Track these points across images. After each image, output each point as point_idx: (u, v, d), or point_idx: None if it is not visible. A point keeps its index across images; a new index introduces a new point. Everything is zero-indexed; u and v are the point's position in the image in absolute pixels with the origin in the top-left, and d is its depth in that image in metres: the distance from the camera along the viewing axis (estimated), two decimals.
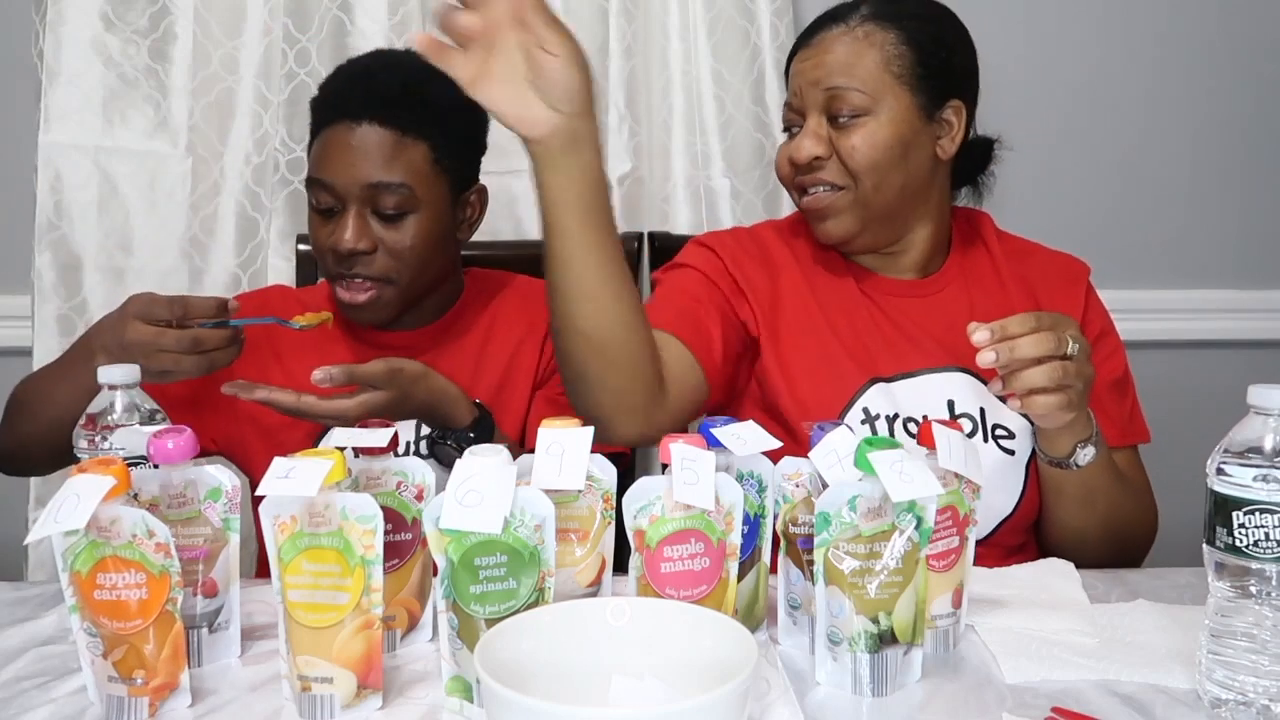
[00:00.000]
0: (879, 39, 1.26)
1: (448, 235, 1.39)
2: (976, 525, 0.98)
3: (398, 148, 1.31)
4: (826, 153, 1.27)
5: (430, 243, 1.35)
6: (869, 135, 1.25)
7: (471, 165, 1.42)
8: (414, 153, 1.32)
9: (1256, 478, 0.80)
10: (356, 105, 1.32)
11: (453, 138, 1.36)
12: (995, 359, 1.04)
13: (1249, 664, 0.82)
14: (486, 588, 0.82)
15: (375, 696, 0.86)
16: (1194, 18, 1.98)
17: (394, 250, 1.33)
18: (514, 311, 1.48)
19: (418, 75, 1.34)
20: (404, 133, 1.31)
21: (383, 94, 1.33)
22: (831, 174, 1.28)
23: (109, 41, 1.81)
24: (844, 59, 1.26)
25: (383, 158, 1.30)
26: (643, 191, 1.89)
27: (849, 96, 1.25)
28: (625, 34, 1.84)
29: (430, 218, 1.34)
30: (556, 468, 0.86)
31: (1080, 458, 1.18)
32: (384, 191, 1.31)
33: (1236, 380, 0.89)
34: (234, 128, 1.82)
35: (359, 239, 1.31)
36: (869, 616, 0.87)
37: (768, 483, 0.97)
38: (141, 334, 1.19)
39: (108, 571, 0.83)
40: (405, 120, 1.32)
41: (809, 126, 1.28)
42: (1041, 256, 1.41)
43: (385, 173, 1.30)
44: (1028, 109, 1.92)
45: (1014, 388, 1.07)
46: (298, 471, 0.83)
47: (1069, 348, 1.07)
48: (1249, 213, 2.03)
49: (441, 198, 1.36)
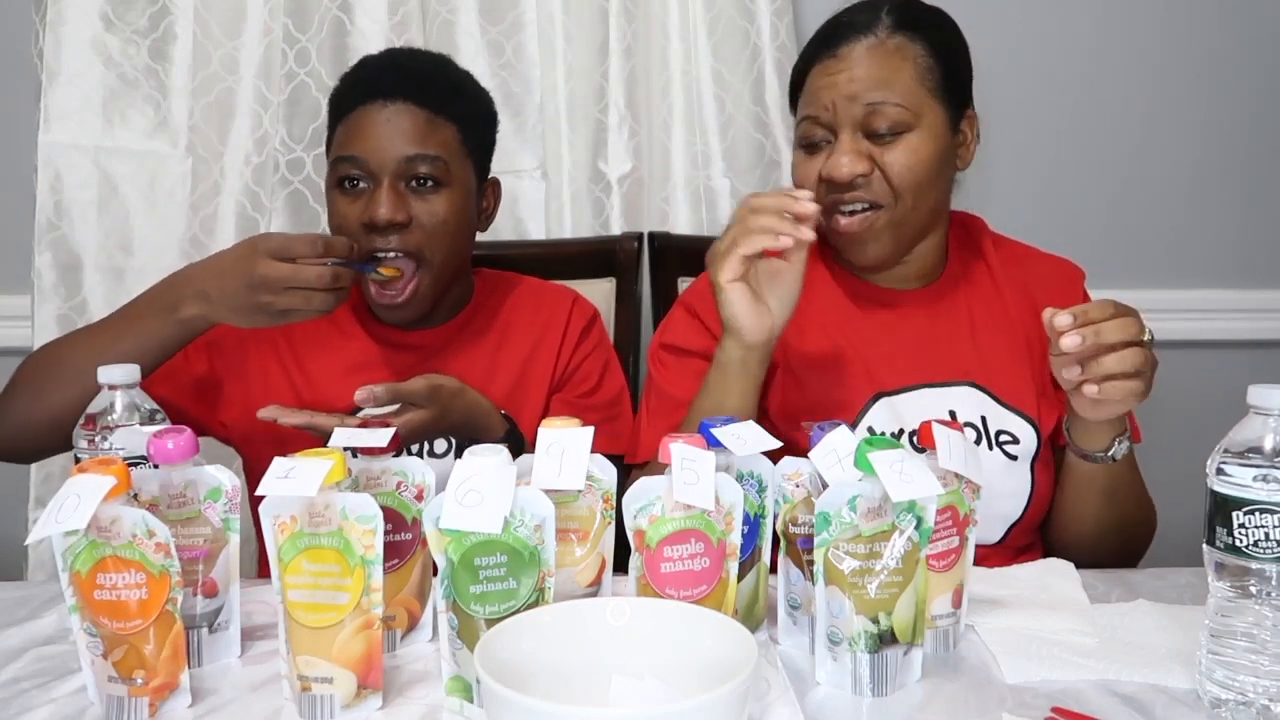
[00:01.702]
0: (910, 51, 1.23)
1: (473, 220, 1.41)
2: (977, 525, 0.98)
3: (430, 124, 1.33)
4: (869, 170, 1.23)
5: (461, 221, 1.36)
6: (913, 151, 1.22)
7: (489, 156, 1.44)
8: (445, 132, 1.34)
9: (1256, 478, 0.80)
10: (389, 85, 1.34)
11: (477, 125, 1.40)
12: (1081, 342, 1.02)
13: (1249, 664, 0.82)
14: (486, 588, 0.82)
15: (375, 696, 0.86)
16: (1193, 17, 1.98)
17: (428, 224, 1.33)
18: (528, 313, 1.49)
19: (442, 63, 1.43)
20: (435, 112, 1.34)
21: (416, 75, 1.36)
22: (874, 192, 1.24)
23: (109, 41, 1.81)
24: (881, 73, 1.22)
25: (418, 133, 1.32)
26: (643, 191, 1.88)
27: (890, 111, 1.22)
28: (625, 34, 1.84)
29: (461, 194, 1.36)
30: (556, 468, 0.86)
31: (1118, 451, 1.18)
32: (420, 163, 1.32)
33: (1236, 380, 0.89)
34: (234, 128, 1.82)
35: (395, 211, 1.31)
36: (869, 616, 0.87)
37: (768, 483, 0.97)
38: (279, 270, 1.17)
39: (108, 571, 0.83)
40: (436, 101, 1.34)
41: (845, 143, 1.23)
42: (1037, 261, 1.40)
43: (421, 146, 1.32)
44: (1027, 109, 1.92)
45: (1093, 373, 1.05)
46: (298, 471, 0.83)
47: (1145, 334, 1.07)
48: (1249, 213, 2.03)
49: (469, 179, 1.38)
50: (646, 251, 1.75)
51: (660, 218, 1.88)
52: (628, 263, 1.72)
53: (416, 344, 1.42)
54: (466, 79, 1.44)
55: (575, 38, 1.83)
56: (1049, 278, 1.38)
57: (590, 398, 1.47)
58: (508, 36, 1.85)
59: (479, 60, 1.84)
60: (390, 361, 1.41)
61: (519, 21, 1.85)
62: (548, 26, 1.83)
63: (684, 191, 1.88)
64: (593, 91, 1.85)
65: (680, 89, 1.87)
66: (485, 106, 1.43)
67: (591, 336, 1.51)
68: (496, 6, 1.84)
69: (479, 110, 1.41)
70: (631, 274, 1.72)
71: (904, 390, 1.28)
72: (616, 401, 1.49)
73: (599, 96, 1.86)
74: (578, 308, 1.51)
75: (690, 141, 1.87)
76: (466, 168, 1.37)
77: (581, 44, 1.84)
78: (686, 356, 1.34)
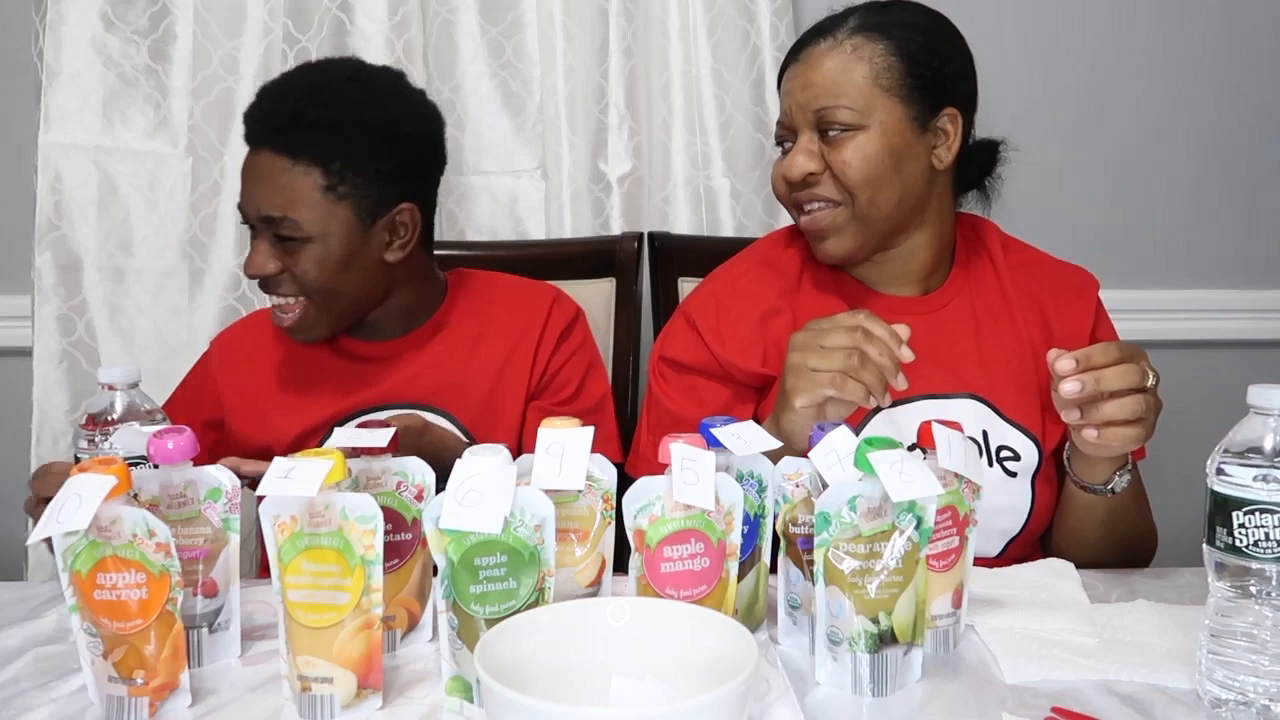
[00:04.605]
0: (867, 52, 1.24)
1: (357, 260, 1.32)
2: (977, 525, 0.98)
3: (287, 176, 1.28)
4: (819, 168, 1.25)
5: (333, 270, 1.30)
6: (859, 149, 1.23)
7: (391, 186, 1.33)
8: (304, 182, 1.28)
9: (1256, 478, 0.80)
10: (252, 133, 1.31)
11: (355, 161, 1.29)
12: (1080, 389, 1.03)
13: (1249, 664, 0.82)
14: (486, 588, 0.82)
15: (375, 696, 0.86)
16: (1195, 19, 1.98)
17: (300, 276, 1.30)
18: (503, 316, 1.45)
19: (317, 98, 1.31)
20: (295, 159, 1.28)
21: (273, 121, 1.31)
22: (826, 190, 1.26)
23: (109, 41, 1.81)
24: (831, 76, 1.24)
25: (273, 187, 1.28)
26: (643, 191, 1.89)
27: (837, 114, 1.23)
28: (625, 34, 1.84)
29: (329, 246, 1.29)
30: (556, 468, 0.86)
31: (1118, 484, 1.18)
32: (274, 224, 1.29)
33: (1236, 380, 0.89)
34: (234, 128, 1.82)
35: (261, 266, 1.30)
36: (869, 616, 0.87)
37: (768, 483, 0.97)
38: None
39: (108, 571, 0.83)
40: (296, 147, 1.28)
41: (801, 144, 1.26)
42: (1048, 268, 1.38)
43: (272, 205, 1.28)
44: (1029, 111, 1.92)
45: (1093, 419, 1.05)
46: (298, 471, 0.83)
47: (1148, 380, 1.06)
48: (1250, 213, 2.03)
49: (343, 225, 1.30)
50: (646, 252, 1.75)
51: (660, 218, 1.89)
52: (627, 263, 1.72)
53: (385, 355, 1.40)
54: (348, 116, 1.31)
55: (575, 38, 1.84)
56: (1060, 288, 1.35)
57: (569, 405, 1.43)
58: (508, 36, 1.85)
59: (479, 60, 1.85)
60: (359, 374, 1.39)
61: (519, 21, 1.85)
62: (548, 26, 1.84)
63: (684, 191, 1.88)
64: (593, 91, 1.85)
65: (680, 89, 1.87)
66: (374, 142, 1.31)
67: (572, 339, 1.46)
68: (496, 6, 1.84)
69: (359, 149, 1.30)
70: (631, 274, 1.72)
71: (904, 402, 1.26)
72: (597, 409, 1.46)
73: (599, 96, 1.86)
74: (558, 308, 1.47)
75: (690, 141, 1.87)
76: (338, 213, 1.29)
77: (581, 44, 1.84)
78: (686, 373, 1.33)
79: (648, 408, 1.36)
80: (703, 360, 1.32)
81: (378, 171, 1.31)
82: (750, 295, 1.34)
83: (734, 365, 1.30)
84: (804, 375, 1.09)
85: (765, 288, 1.34)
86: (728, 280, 1.38)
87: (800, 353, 1.10)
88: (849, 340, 1.08)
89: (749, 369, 1.30)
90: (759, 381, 1.31)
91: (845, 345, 1.08)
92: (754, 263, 1.39)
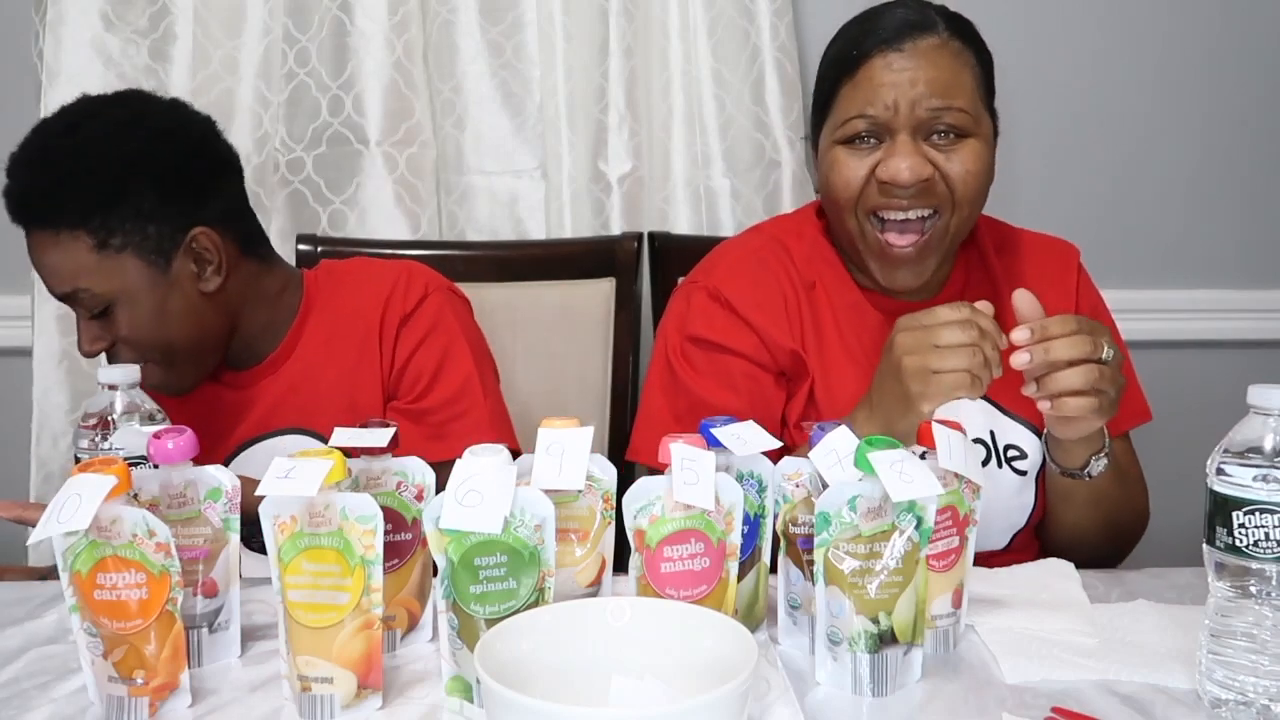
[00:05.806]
0: (968, 58, 1.18)
1: (173, 305, 1.25)
2: (977, 525, 0.98)
3: (59, 250, 1.22)
4: (932, 174, 1.16)
5: (152, 324, 1.24)
6: (977, 159, 1.16)
7: (164, 220, 1.24)
8: (76, 248, 1.21)
9: (1256, 478, 0.80)
10: (14, 216, 1.25)
11: (112, 210, 1.21)
12: (1029, 360, 1.02)
13: (1249, 664, 0.82)
14: (486, 588, 0.82)
15: (375, 696, 0.86)
16: (1195, 17, 1.98)
17: (127, 341, 1.25)
18: (348, 313, 1.35)
19: (46, 163, 1.23)
20: (57, 230, 1.21)
21: (19, 200, 1.24)
22: (936, 197, 1.17)
23: (109, 41, 1.81)
24: (946, 75, 1.15)
25: (52, 265, 1.23)
26: (643, 191, 1.89)
27: (955, 116, 1.15)
28: (625, 34, 1.84)
29: (136, 302, 1.24)
30: (556, 468, 0.86)
31: (1094, 468, 1.18)
32: (74, 299, 1.24)
33: (1236, 380, 0.89)
34: (234, 128, 1.82)
35: (90, 344, 1.26)
36: (869, 616, 0.87)
37: (768, 483, 0.97)
38: None
39: (108, 571, 0.83)
40: (51, 218, 1.21)
41: (904, 145, 1.16)
42: (1029, 243, 1.36)
43: (60, 282, 1.23)
44: (1029, 108, 1.92)
45: (1047, 389, 1.05)
46: (298, 471, 0.83)
47: (1104, 353, 1.05)
48: (1250, 213, 2.03)
49: (137, 276, 1.23)
50: (646, 252, 1.75)
51: (660, 218, 1.88)
52: (627, 263, 1.72)
53: (249, 383, 1.35)
54: (100, 171, 1.22)
55: (575, 37, 1.83)
56: (1042, 262, 1.34)
57: (422, 401, 1.32)
58: (508, 36, 1.85)
59: (479, 60, 1.84)
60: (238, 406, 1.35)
61: (519, 21, 1.85)
62: (548, 26, 1.84)
63: (684, 191, 1.88)
64: (593, 91, 1.85)
65: (680, 89, 1.87)
66: (134, 187, 1.22)
67: (416, 324, 1.33)
68: (496, 6, 1.84)
69: (115, 199, 1.21)
70: (631, 274, 1.72)
71: None
72: (457, 398, 1.33)
73: (599, 96, 1.86)
74: (398, 291, 1.34)
75: (690, 141, 1.87)
76: (123, 267, 1.22)
77: (581, 44, 1.84)
78: (720, 354, 1.26)
79: (671, 395, 1.28)
80: (739, 341, 1.25)
81: (139, 211, 1.22)
82: (778, 268, 1.29)
83: (775, 343, 1.25)
84: (927, 379, 1.04)
85: (790, 261, 1.29)
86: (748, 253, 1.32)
87: (917, 356, 1.05)
88: (966, 337, 1.04)
89: (789, 347, 1.25)
90: (790, 362, 1.26)
91: (964, 343, 1.04)
92: (768, 238, 1.34)
